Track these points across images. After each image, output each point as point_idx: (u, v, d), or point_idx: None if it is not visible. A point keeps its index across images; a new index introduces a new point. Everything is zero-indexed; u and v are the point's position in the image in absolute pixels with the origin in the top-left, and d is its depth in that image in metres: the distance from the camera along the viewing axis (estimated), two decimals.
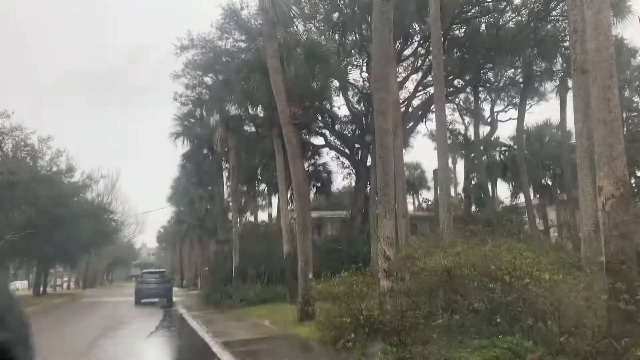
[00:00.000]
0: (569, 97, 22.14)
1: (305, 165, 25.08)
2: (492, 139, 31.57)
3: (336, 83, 25.08)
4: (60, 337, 13.62)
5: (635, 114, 25.60)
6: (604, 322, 6.20)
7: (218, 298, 21.90)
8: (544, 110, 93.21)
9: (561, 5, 20.68)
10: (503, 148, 33.44)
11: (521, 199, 29.92)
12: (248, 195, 37.79)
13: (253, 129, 27.24)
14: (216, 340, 11.20)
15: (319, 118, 27.70)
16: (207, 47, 26.05)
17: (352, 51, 25.45)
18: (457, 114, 31.97)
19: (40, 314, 22.47)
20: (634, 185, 22.54)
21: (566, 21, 16.95)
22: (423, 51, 24.95)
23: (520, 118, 26.45)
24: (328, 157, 31.49)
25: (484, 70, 25.97)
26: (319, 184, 31.63)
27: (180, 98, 29.56)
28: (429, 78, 24.06)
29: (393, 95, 15.06)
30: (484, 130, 30.68)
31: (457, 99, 30.37)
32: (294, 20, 18.34)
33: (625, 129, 23.38)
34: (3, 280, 7.07)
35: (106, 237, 38.74)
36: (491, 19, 23.60)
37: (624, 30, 26.32)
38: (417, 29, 23.59)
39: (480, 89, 27.81)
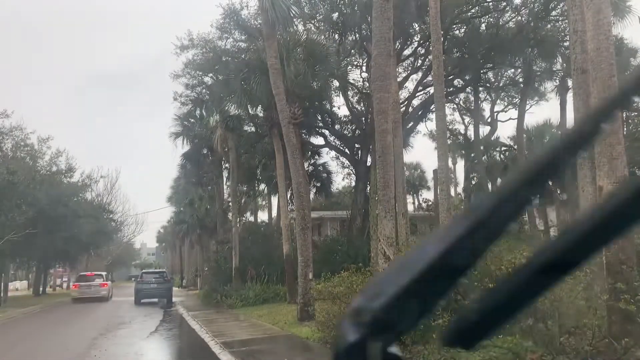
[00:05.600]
0: (569, 97, 22.13)
1: (305, 165, 25.06)
2: (492, 139, 31.59)
3: (336, 83, 25.09)
4: (60, 336, 13.61)
5: (635, 113, 25.61)
6: (604, 322, 6.20)
7: (218, 298, 21.90)
8: (544, 110, 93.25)
9: (561, 5, 20.68)
10: (503, 148, 33.46)
11: None
12: (248, 195, 37.81)
13: (253, 129, 27.26)
14: (216, 340, 11.20)
15: (319, 118, 27.71)
16: (207, 47, 26.06)
17: (352, 51, 25.44)
18: (457, 114, 32.00)
19: (40, 314, 22.48)
20: None
21: (566, 21, 16.95)
22: (423, 51, 24.95)
23: (520, 118, 26.45)
24: (328, 157, 31.52)
25: (484, 70, 25.97)
26: (319, 184, 31.62)
27: (180, 98, 29.61)
28: (429, 78, 24.04)
29: (393, 95, 15.03)
30: (484, 130, 30.71)
31: (457, 99, 30.38)
32: (294, 20, 18.31)
33: (625, 129, 23.40)
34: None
35: (106, 237, 38.74)
36: (491, 19, 23.60)
37: (624, 30, 26.30)
38: (417, 29, 23.59)
39: (480, 88, 27.80)
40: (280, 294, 19.72)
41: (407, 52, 25.12)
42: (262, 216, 41.72)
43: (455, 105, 30.84)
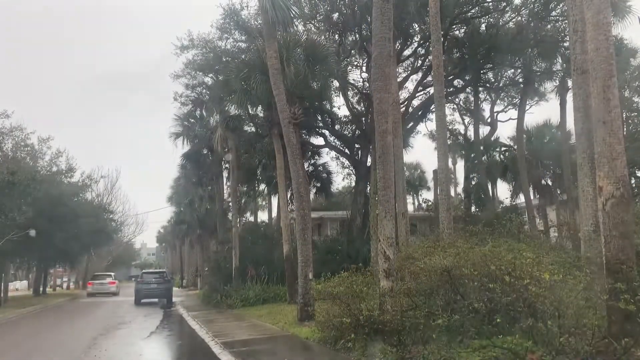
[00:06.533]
0: (569, 97, 22.14)
1: (305, 165, 25.06)
2: (492, 139, 31.59)
3: (336, 83, 25.09)
4: (60, 337, 13.63)
5: (635, 114, 25.63)
6: (604, 322, 6.20)
7: (218, 298, 21.90)
8: (544, 110, 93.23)
9: (561, 5, 20.68)
10: (503, 148, 33.46)
11: (521, 199, 29.94)
12: (248, 195, 37.83)
13: (253, 129, 27.27)
14: (216, 340, 11.21)
15: (319, 118, 27.72)
16: (207, 47, 26.08)
17: (352, 51, 25.44)
18: (457, 114, 32.01)
19: (40, 314, 22.50)
20: (634, 185, 22.58)
21: (566, 21, 16.95)
22: (423, 51, 24.95)
23: (520, 118, 26.44)
24: (328, 157, 31.53)
25: (484, 70, 25.96)
26: (319, 184, 31.64)
27: (180, 98, 29.66)
28: (429, 78, 24.05)
29: (393, 95, 15.05)
30: (484, 130, 30.71)
31: (457, 99, 30.40)
32: (294, 20, 18.30)
33: (625, 129, 23.43)
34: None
35: (106, 237, 38.74)
36: (491, 19, 23.59)
37: (624, 30, 26.33)
38: (417, 29, 23.58)
39: (480, 89, 27.81)
40: (281, 294, 19.72)
41: (407, 52, 25.12)
42: (262, 216, 41.72)
43: (455, 105, 30.88)
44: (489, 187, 31.91)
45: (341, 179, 62.74)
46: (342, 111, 28.66)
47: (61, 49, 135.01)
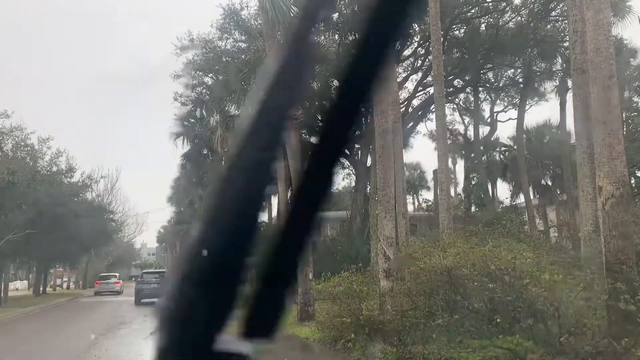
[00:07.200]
0: (569, 97, 22.13)
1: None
2: (492, 139, 31.60)
3: (336, 83, 25.09)
4: (60, 336, 13.63)
5: (635, 113, 25.62)
6: (604, 322, 6.21)
7: None
8: (544, 110, 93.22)
9: (561, 5, 20.69)
10: (503, 148, 33.47)
11: (521, 199, 29.94)
12: None
13: None
14: None
15: (319, 118, 27.69)
16: (207, 47, 26.08)
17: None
18: (457, 114, 31.98)
19: (41, 313, 22.50)
20: (633, 185, 22.56)
21: (566, 21, 16.96)
22: (423, 51, 24.95)
23: (520, 118, 26.46)
24: None
25: (484, 70, 25.96)
26: None
27: (180, 98, 29.60)
28: (429, 78, 24.05)
29: (393, 95, 15.06)
30: (484, 130, 30.72)
31: (457, 99, 30.38)
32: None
33: (625, 129, 23.39)
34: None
35: (106, 237, 38.78)
36: (491, 19, 23.60)
37: (624, 30, 26.30)
38: (417, 29, 23.58)
39: (480, 89, 27.81)
40: None
41: (407, 52, 25.11)
42: (262, 216, 41.70)
43: (455, 106, 30.85)
44: (489, 187, 31.93)
45: (341, 179, 62.64)
46: None
47: (61, 50, 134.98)
